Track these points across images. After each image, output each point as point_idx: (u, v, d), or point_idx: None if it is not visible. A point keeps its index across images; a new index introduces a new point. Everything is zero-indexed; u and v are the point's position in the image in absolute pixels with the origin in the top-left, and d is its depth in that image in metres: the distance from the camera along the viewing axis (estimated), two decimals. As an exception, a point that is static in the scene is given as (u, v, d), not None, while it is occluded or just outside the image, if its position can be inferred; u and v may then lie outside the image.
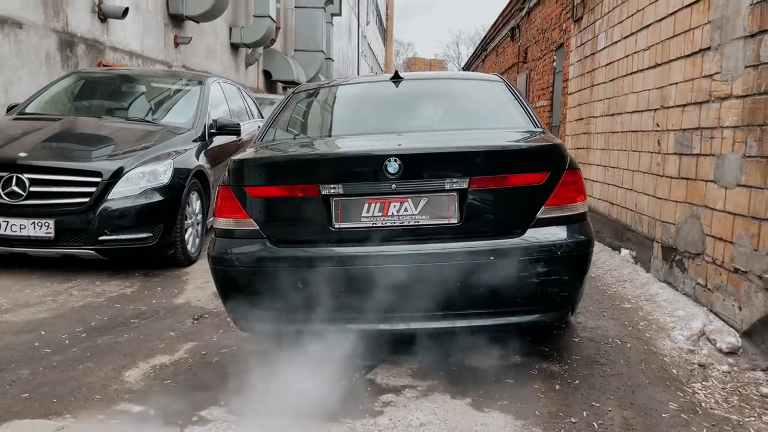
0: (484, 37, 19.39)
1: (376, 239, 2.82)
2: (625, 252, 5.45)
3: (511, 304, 2.82)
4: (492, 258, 2.75)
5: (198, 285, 4.74)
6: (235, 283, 2.95)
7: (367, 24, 43.51)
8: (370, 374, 3.06)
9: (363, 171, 2.82)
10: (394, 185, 2.79)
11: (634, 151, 5.31)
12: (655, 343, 3.40)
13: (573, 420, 2.56)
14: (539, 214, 2.82)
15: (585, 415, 2.61)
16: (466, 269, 2.75)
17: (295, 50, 20.04)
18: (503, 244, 2.77)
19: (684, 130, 4.27)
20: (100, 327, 3.74)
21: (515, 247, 2.77)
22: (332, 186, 2.81)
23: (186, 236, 5.20)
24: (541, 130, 3.31)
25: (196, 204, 5.43)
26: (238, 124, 6.19)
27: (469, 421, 2.58)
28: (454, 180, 2.78)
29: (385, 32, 58.37)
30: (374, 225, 2.82)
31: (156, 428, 2.54)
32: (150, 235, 4.82)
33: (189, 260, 5.27)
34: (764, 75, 3.28)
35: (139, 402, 2.76)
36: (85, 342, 3.49)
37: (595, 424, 2.53)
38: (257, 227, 2.90)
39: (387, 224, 2.81)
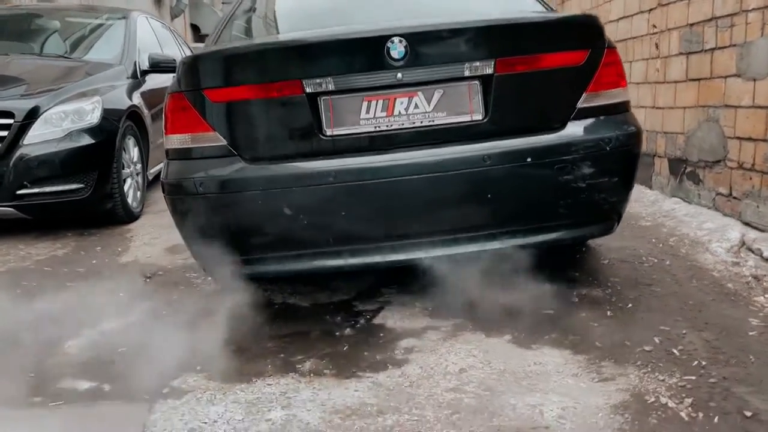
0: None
1: (380, 147, 2.22)
2: (616, 174, 5.02)
3: (552, 216, 2.29)
4: (529, 160, 2.19)
5: (145, 241, 4.02)
6: (202, 217, 2.30)
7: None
8: (378, 318, 2.49)
9: (359, 58, 2.19)
10: (399, 74, 2.18)
11: (625, 62, 4.83)
12: (696, 258, 2.96)
13: (647, 348, 2.07)
14: (580, 104, 2.28)
15: (658, 341, 2.12)
16: (497, 176, 2.19)
17: (222, 3, 18.76)
18: (541, 141, 2.22)
19: (691, 25, 3.80)
20: (29, 294, 3.01)
21: (556, 144, 2.22)
22: (320, 80, 2.18)
23: (125, 188, 4.44)
24: (557, 12, 2.75)
25: (133, 151, 4.66)
26: (174, 60, 5.37)
27: (517, 361, 2.06)
28: (476, 64, 2.19)
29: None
30: (377, 129, 2.21)
31: (115, 407, 1.91)
32: (81, 186, 4.04)
33: (131, 215, 4.51)
34: (806, -62, 2.80)
35: (89, 376, 2.11)
36: (10, 312, 2.77)
37: (674, 350, 2.05)
38: (225, 142, 2.24)
39: (393, 127, 2.21)
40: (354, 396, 1.89)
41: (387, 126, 2.21)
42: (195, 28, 16.46)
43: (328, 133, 2.21)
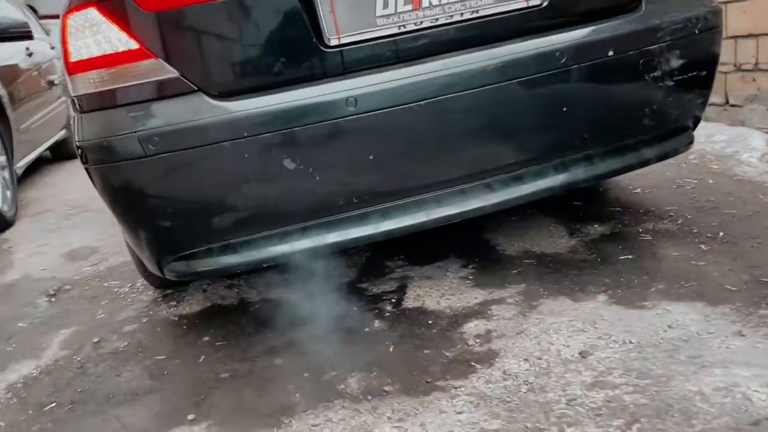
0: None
1: (409, 55, 1.54)
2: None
3: (637, 129, 1.73)
4: (611, 54, 1.60)
5: (32, 250, 3.07)
6: (152, 191, 1.52)
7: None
8: (409, 300, 1.83)
9: (368, -75, 1.48)
10: (426, -54, 1.50)
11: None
12: (735, 172, 2.53)
13: (800, 283, 1.58)
14: (653, -25, 1.71)
15: (804, 272, 1.63)
16: (576, 79, 1.59)
17: (58, -19, 16.68)
18: (621, 27, 1.63)
19: None
20: None
21: (640, 29, 1.64)
22: (312, -36, 1.45)
23: (-10, 187, 3.42)
24: None
25: (-8, 140, 3.61)
26: (26, 22, 4.30)
27: (644, 328, 1.50)
28: (526, -74, 1.56)
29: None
30: (402, 30, 1.53)
31: None
32: (-71, 189, 3.01)
33: (3, 222, 3.50)
34: None
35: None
36: None
37: (837, 280, 1.57)
38: (175, 72, 1.46)
39: (425, 24, 1.53)
40: (461, 421, 1.24)
41: (416, 24, 1.53)
42: (32, 10, 14.44)
43: (333, 42, 1.50)
